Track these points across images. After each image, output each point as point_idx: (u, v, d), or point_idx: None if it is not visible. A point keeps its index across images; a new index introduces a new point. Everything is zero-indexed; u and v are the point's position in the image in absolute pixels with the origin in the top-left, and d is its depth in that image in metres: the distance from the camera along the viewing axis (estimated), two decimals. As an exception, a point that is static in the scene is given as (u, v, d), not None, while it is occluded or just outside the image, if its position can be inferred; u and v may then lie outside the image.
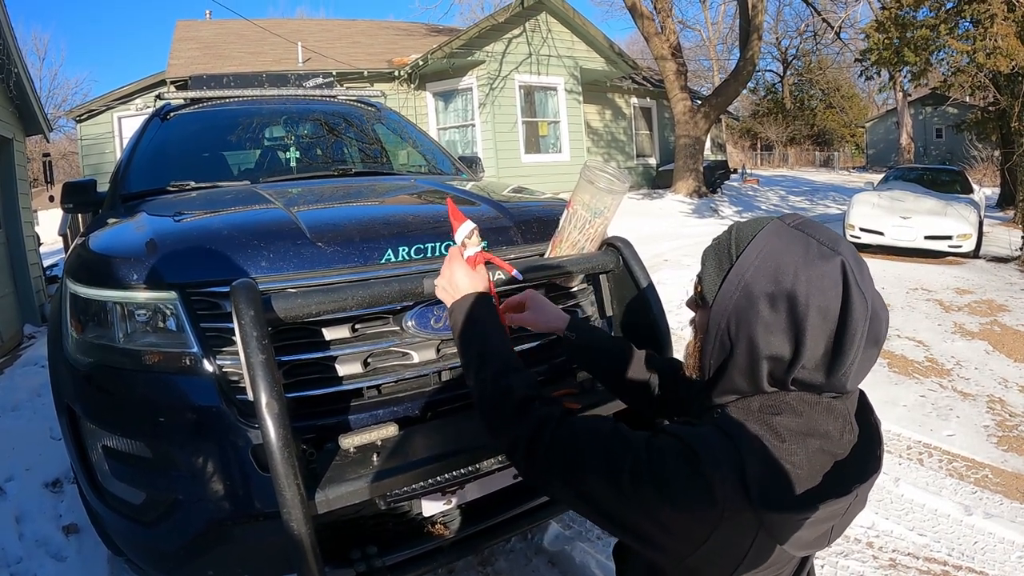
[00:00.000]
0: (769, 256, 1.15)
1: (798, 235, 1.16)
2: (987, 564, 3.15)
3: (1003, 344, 6.57)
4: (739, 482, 1.07)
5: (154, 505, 1.99)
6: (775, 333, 1.13)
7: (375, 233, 2.20)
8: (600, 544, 3.13)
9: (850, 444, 1.18)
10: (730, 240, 1.24)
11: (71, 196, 3.57)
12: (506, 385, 1.37)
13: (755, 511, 1.07)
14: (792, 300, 1.11)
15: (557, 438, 1.24)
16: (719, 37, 47.71)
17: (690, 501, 1.08)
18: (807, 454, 1.12)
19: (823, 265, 1.11)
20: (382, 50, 19.28)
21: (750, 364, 1.16)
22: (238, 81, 4.78)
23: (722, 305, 1.19)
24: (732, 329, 1.18)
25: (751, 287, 1.15)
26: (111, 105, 16.75)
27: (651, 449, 1.14)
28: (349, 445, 1.89)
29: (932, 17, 13.48)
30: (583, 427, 1.24)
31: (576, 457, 1.20)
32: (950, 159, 32.15)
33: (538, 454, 1.25)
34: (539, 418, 1.28)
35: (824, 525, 1.12)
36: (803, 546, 1.13)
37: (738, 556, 1.11)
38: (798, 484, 1.10)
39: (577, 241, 2.14)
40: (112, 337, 2.05)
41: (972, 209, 11.72)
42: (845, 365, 1.11)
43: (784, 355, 1.13)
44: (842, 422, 1.17)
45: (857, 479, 1.13)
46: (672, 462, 1.11)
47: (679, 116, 19.65)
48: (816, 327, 1.10)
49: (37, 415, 4.91)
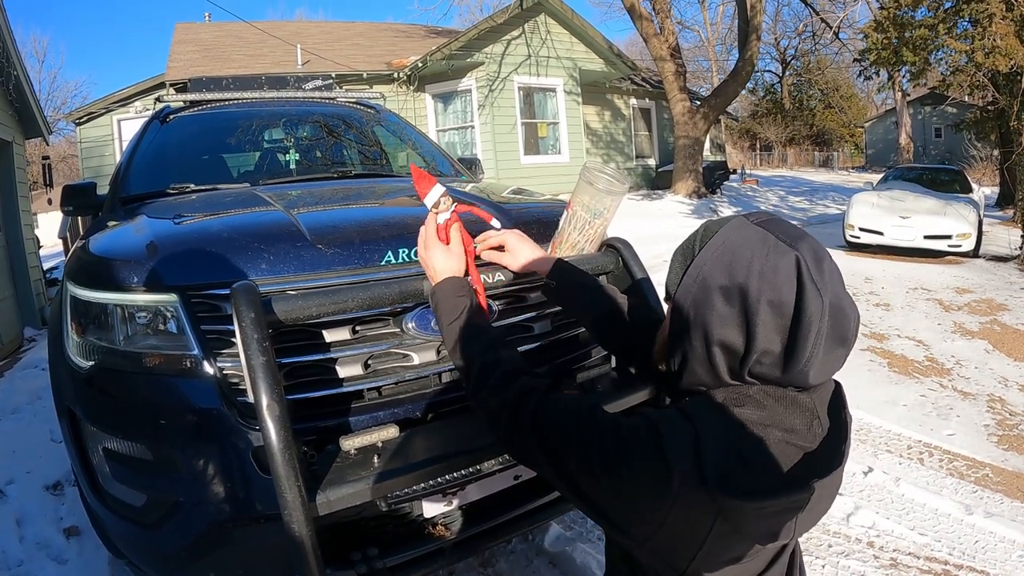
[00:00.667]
0: (726, 250, 1.18)
1: (758, 231, 1.18)
2: (988, 563, 3.15)
3: (1003, 343, 6.57)
4: (696, 463, 1.09)
5: (155, 507, 1.99)
6: (728, 326, 1.15)
7: (375, 235, 2.20)
8: (601, 545, 3.13)
9: (819, 437, 1.19)
10: (696, 237, 1.28)
11: (71, 199, 3.58)
12: (494, 358, 1.40)
13: (711, 494, 1.08)
14: (744, 293, 1.13)
15: (540, 409, 1.27)
16: (718, 38, 47.81)
17: (648, 477, 1.11)
18: (770, 444, 1.14)
19: (777, 259, 1.12)
20: (381, 52, 19.29)
21: (706, 355, 1.19)
22: (237, 83, 4.79)
23: (682, 297, 1.22)
24: (690, 321, 1.21)
25: (708, 280, 1.18)
26: (110, 108, 16.77)
27: (620, 427, 1.18)
28: (350, 447, 1.89)
29: (931, 17, 13.49)
30: (564, 403, 1.28)
31: (554, 431, 1.23)
32: (949, 158, 32.19)
33: (520, 424, 1.28)
34: (524, 388, 1.32)
35: (786, 517, 1.13)
36: (767, 536, 1.14)
37: (697, 541, 1.13)
38: (756, 473, 1.12)
39: (577, 242, 2.14)
40: (113, 339, 2.05)
41: (971, 208, 11.74)
42: (801, 361, 1.12)
43: (737, 347, 1.15)
44: (808, 416, 1.18)
45: (816, 474, 1.13)
46: (637, 439, 1.15)
47: (678, 117, 19.66)
48: (767, 321, 1.11)
49: (37, 418, 4.92)
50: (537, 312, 2.41)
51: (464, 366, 1.45)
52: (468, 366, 1.44)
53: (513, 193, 3.22)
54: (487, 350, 1.43)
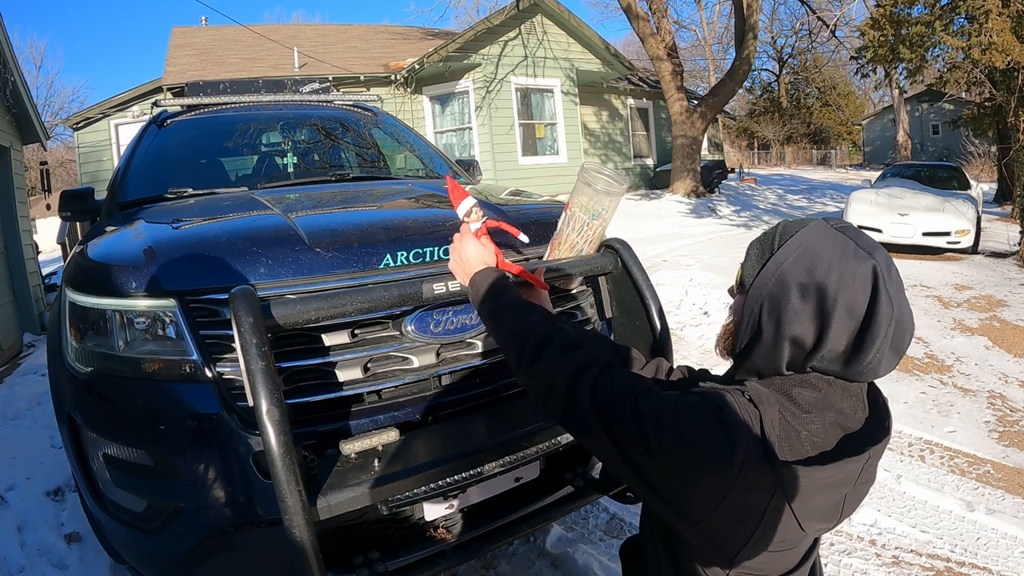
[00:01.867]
0: (807, 250, 1.22)
1: (838, 235, 1.23)
2: (990, 560, 3.15)
3: (1003, 339, 6.57)
4: (759, 437, 1.15)
5: (156, 513, 1.99)
6: (802, 322, 1.19)
7: (373, 238, 2.20)
8: (603, 546, 3.13)
9: (862, 420, 1.26)
10: (775, 233, 1.31)
11: (69, 204, 3.58)
12: (557, 328, 1.42)
13: (772, 467, 1.13)
14: (822, 292, 1.17)
15: (599, 382, 1.29)
16: (715, 37, 47.80)
17: (711, 453, 1.13)
18: (823, 424, 1.21)
19: (856, 265, 1.17)
20: (378, 54, 19.29)
21: (774, 348, 1.23)
22: (235, 87, 4.78)
23: (758, 290, 1.26)
24: (764, 313, 1.24)
25: (786, 276, 1.22)
26: (108, 113, 16.73)
27: (680, 404, 1.20)
28: (350, 451, 1.89)
29: (927, 14, 13.47)
30: (623, 378, 1.30)
31: (613, 405, 1.25)
32: (947, 155, 32.21)
33: (579, 396, 1.29)
34: (587, 358, 1.34)
35: (837, 492, 1.20)
36: (817, 516, 1.20)
37: (753, 520, 1.16)
38: (813, 447, 1.18)
39: (575, 243, 2.14)
40: (112, 345, 2.05)
41: (970, 205, 11.74)
42: (863, 362, 1.17)
43: (807, 343, 1.19)
44: (855, 400, 1.26)
45: (869, 442, 1.21)
46: (699, 417, 1.17)
47: (676, 116, 19.64)
48: (841, 321, 1.16)
49: (37, 424, 4.91)
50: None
51: (518, 342, 1.45)
52: (521, 340, 1.44)
53: (511, 194, 3.22)
54: (544, 324, 1.44)
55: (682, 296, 7.77)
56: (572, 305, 2.58)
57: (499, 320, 1.53)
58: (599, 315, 2.63)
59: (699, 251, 10.87)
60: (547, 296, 1.91)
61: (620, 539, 3.18)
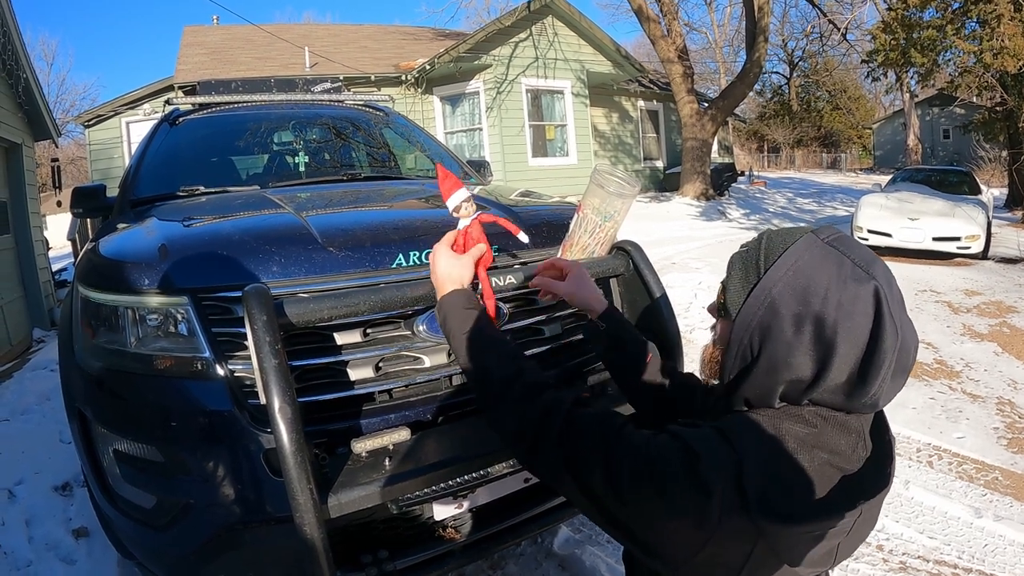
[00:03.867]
0: (799, 273, 1.11)
1: (832, 252, 1.11)
2: (997, 567, 3.13)
3: (1012, 346, 6.54)
4: (736, 487, 1.05)
5: (166, 509, 2.00)
6: (798, 355, 1.09)
7: (386, 238, 2.20)
8: (610, 548, 3.13)
9: (861, 460, 1.15)
10: (759, 250, 1.20)
11: (81, 201, 3.59)
12: (516, 368, 1.33)
13: (752, 519, 1.04)
14: (820, 323, 1.07)
15: (566, 427, 1.20)
16: (725, 39, 47.63)
17: (686, 504, 1.05)
18: (812, 466, 1.09)
19: (856, 288, 1.07)
20: (389, 55, 19.32)
21: (767, 382, 1.13)
22: (246, 86, 4.80)
23: (746, 320, 1.15)
24: (754, 345, 1.14)
25: (777, 304, 1.11)
26: (119, 110, 16.80)
27: (651, 447, 1.12)
28: (361, 449, 1.89)
29: (938, 18, 13.45)
30: (591, 420, 1.21)
31: (581, 451, 1.17)
32: (957, 160, 32.07)
33: (545, 443, 1.21)
34: (551, 402, 1.25)
35: (828, 542, 1.09)
36: (807, 563, 1.10)
37: (735, 567, 1.08)
38: (799, 495, 1.07)
39: (587, 245, 2.14)
40: (124, 342, 2.06)
41: (980, 210, 11.69)
42: (868, 393, 1.08)
43: (805, 377, 1.10)
44: (855, 438, 1.15)
45: (863, 495, 1.09)
46: (671, 462, 1.08)
47: (686, 119, 19.64)
48: (843, 353, 1.06)
49: (46, 419, 4.94)
50: (547, 315, 2.41)
51: (479, 381, 1.38)
52: (483, 381, 1.36)
53: (522, 195, 3.22)
54: (505, 362, 1.35)
55: (691, 299, 7.76)
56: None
57: (460, 354, 1.44)
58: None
59: (708, 254, 10.85)
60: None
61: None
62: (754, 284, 1.16)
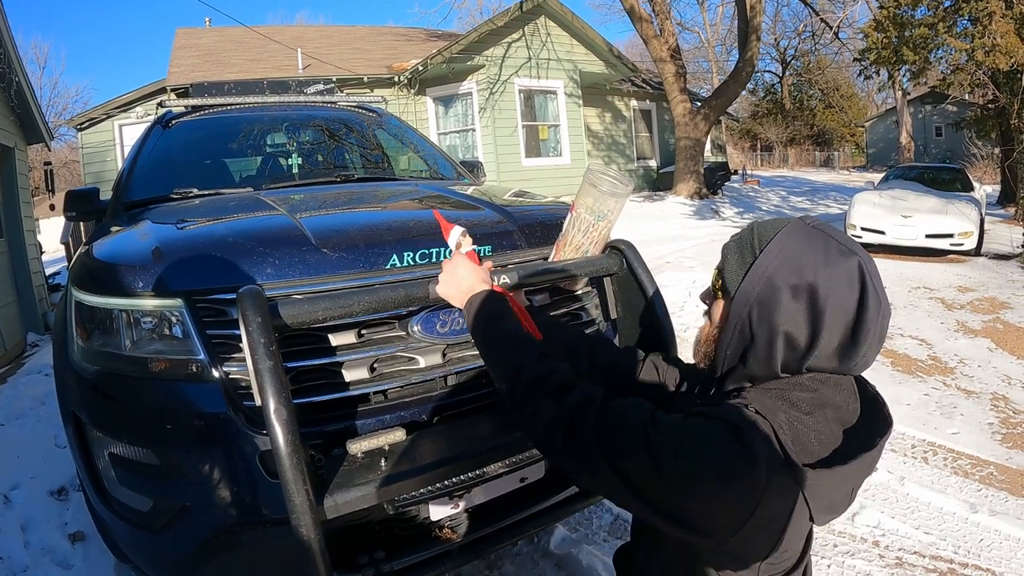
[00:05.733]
0: (792, 251, 1.23)
1: (818, 234, 1.24)
2: (993, 561, 3.14)
3: (1006, 341, 6.56)
4: (777, 447, 1.15)
5: (161, 512, 2.00)
6: (795, 322, 1.20)
7: (380, 239, 2.20)
8: (607, 547, 3.13)
9: (856, 412, 1.28)
10: (752, 236, 1.31)
11: (74, 205, 3.58)
12: (549, 368, 1.36)
13: (795, 473, 1.14)
14: (813, 293, 1.18)
15: (601, 421, 1.24)
16: (718, 39, 47.84)
17: (737, 472, 1.12)
18: (826, 422, 1.22)
19: (843, 262, 1.19)
20: (382, 56, 19.31)
21: (768, 351, 1.23)
22: (239, 88, 4.79)
23: (745, 295, 1.26)
24: (754, 318, 1.24)
25: (774, 278, 1.22)
26: (112, 113, 16.74)
27: (689, 429, 1.19)
28: (357, 450, 1.90)
29: (930, 15, 13.49)
30: (625, 410, 1.25)
31: (619, 442, 1.21)
32: (950, 157, 32.19)
33: (579, 434, 1.24)
34: (583, 397, 1.29)
35: (849, 483, 1.22)
36: (831, 509, 1.22)
37: (778, 527, 1.18)
38: (824, 447, 1.19)
39: (581, 244, 2.14)
40: (118, 345, 2.05)
41: (973, 207, 11.72)
42: (857, 356, 1.21)
43: (801, 343, 1.20)
44: (847, 393, 1.27)
45: (876, 433, 1.25)
46: (714, 438, 1.15)
47: (679, 118, 19.67)
48: (834, 320, 1.18)
49: (41, 423, 4.92)
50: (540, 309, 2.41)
51: (510, 379, 1.39)
52: (512, 379, 1.38)
53: (516, 195, 3.22)
54: (536, 363, 1.38)
55: (685, 298, 7.76)
56: (577, 306, 2.58)
57: (489, 350, 1.49)
58: (604, 316, 2.63)
59: (702, 253, 10.86)
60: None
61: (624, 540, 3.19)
62: (750, 263, 1.27)
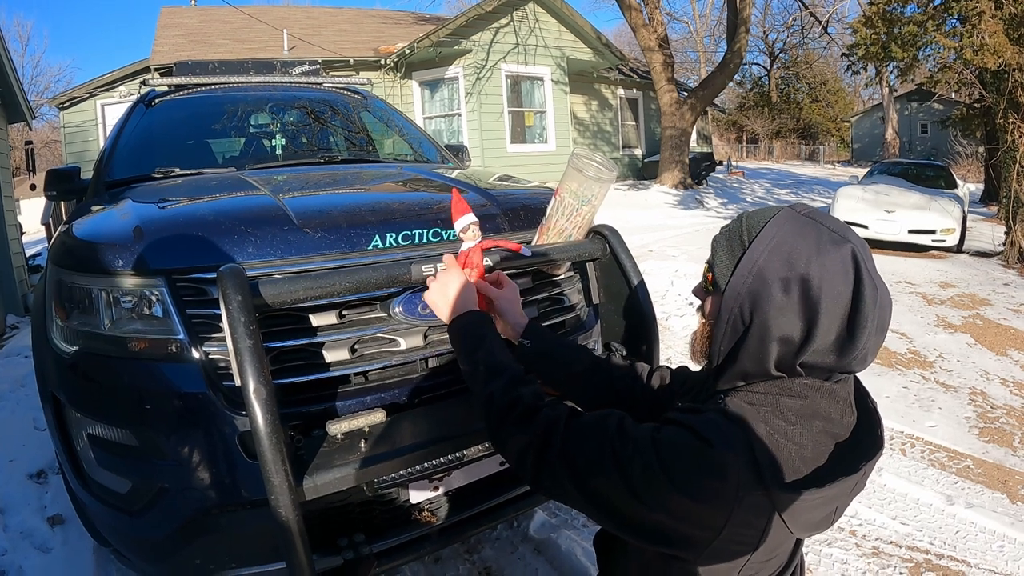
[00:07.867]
0: (782, 242, 1.18)
1: (809, 223, 1.19)
2: (968, 553, 3.18)
3: (985, 337, 6.63)
4: (751, 464, 1.11)
5: (140, 494, 1.98)
6: (788, 316, 1.15)
7: (362, 219, 2.19)
8: (586, 532, 3.14)
9: (850, 426, 1.23)
10: (741, 227, 1.26)
11: (55, 184, 3.54)
12: (516, 396, 1.38)
13: (768, 492, 1.10)
14: (806, 284, 1.13)
15: (567, 440, 1.25)
16: (706, 29, 47.76)
17: (706, 488, 1.10)
18: (811, 435, 1.17)
19: (835, 251, 1.14)
20: (368, 38, 19.19)
21: (761, 347, 1.18)
22: (223, 68, 4.74)
23: (735, 289, 1.21)
24: (745, 312, 1.20)
25: (764, 271, 1.17)
26: (94, 93, 16.57)
27: (659, 442, 1.16)
28: (336, 431, 1.89)
29: (920, 13, 13.49)
30: (590, 427, 1.25)
31: (586, 459, 1.21)
32: (935, 155, 32.37)
33: (548, 459, 1.25)
34: (547, 422, 1.29)
35: (831, 505, 1.18)
36: (810, 527, 1.18)
37: (754, 541, 1.15)
38: (805, 464, 1.15)
39: (564, 229, 2.14)
40: (97, 324, 2.03)
41: (956, 204, 11.82)
42: (857, 348, 1.14)
43: (795, 338, 1.15)
44: (842, 405, 1.22)
45: (863, 457, 1.19)
46: (683, 451, 1.13)
47: (665, 108, 19.67)
48: (829, 311, 1.13)
49: (20, 406, 4.87)
50: (524, 298, 2.40)
51: (482, 406, 1.43)
52: (489, 402, 1.41)
53: (500, 179, 3.21)
54: (504, 389, 1.40)
55: (668, 287, 7.78)
56: (559, 291, 2.58)
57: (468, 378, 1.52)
58: (586, 301, 2.63)
59: (686, 242, 10.89)
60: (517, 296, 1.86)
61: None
62: (740, 256, 1.22)
